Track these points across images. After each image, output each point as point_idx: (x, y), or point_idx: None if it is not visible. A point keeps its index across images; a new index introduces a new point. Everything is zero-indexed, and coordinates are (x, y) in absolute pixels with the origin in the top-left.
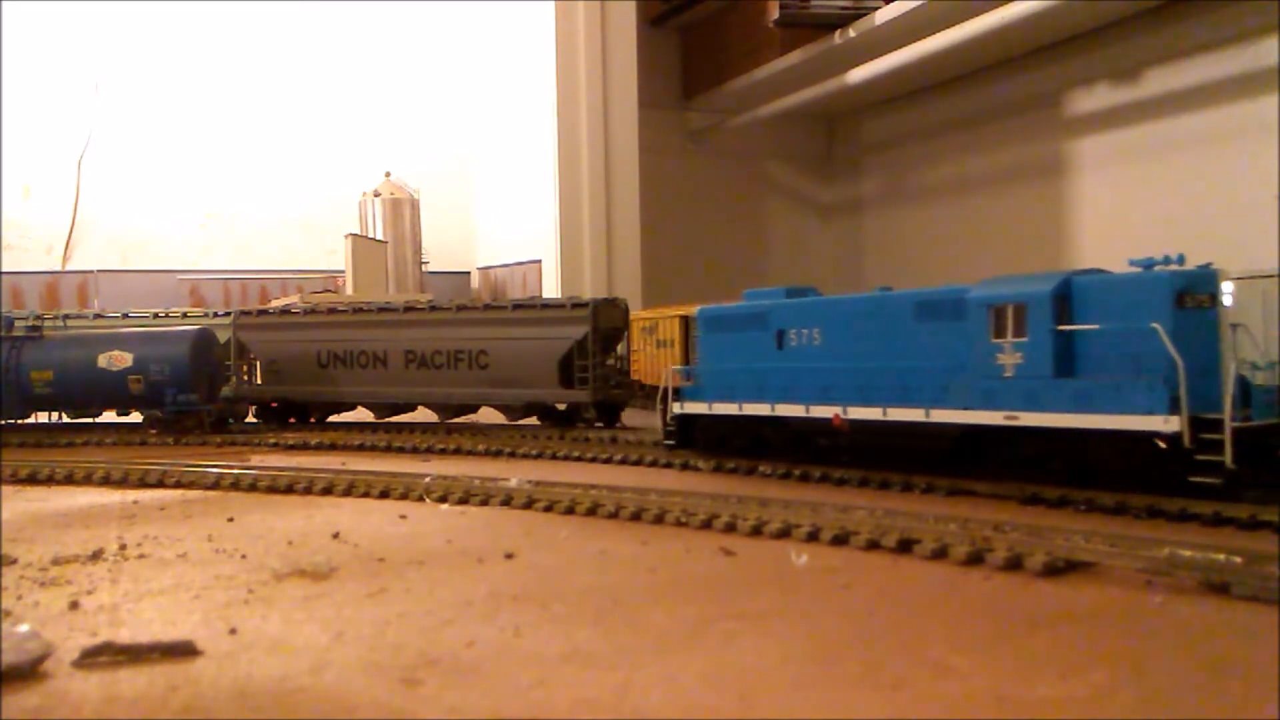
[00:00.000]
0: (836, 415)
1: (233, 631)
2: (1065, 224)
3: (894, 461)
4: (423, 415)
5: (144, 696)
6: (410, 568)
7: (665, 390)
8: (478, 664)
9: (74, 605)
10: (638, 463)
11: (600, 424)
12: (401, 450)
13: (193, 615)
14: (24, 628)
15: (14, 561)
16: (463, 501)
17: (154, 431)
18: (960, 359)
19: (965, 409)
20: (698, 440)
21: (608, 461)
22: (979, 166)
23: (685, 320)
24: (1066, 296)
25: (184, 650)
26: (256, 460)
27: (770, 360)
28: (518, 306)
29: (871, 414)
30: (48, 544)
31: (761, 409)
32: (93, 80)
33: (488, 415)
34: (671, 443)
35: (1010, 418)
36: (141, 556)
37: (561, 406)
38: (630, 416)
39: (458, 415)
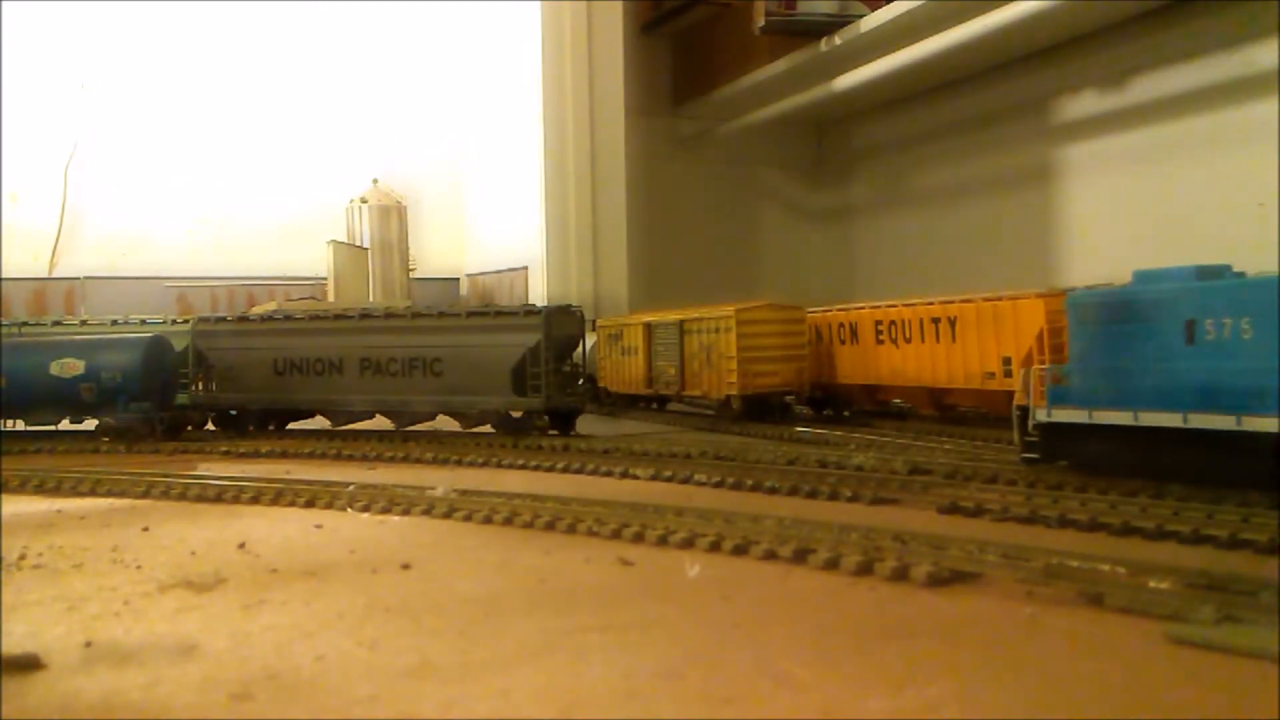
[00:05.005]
0: None
1: (88, 645)
2: (1054, 230)
3: None
4: (381, 423)
5: None
6: (301, 579)
7: (1025, 392)
8: (317, 678)
9: None
10: (579, 471)
11: (554, 432)
12: (351, 458)
13: (57, 627)
14: None
15: None
16: (385, 511)
17: (106, 439)
18: None
19: None
20: (1073, 455)
21: (551, 470)
22: (968, 172)
23: (649, 327)
24: None
25: (27, 663)
26: (203, 469)
27: (1177, 358)
28: (471, 314)
29: None
30: None
31: (1167, 420)
32: (79, 82)
33: (446, 423)
34: (1033, 456)
35: None
36: (37, 567)
37: (515, 414)
38: (597, 425)
39: (413, 423)
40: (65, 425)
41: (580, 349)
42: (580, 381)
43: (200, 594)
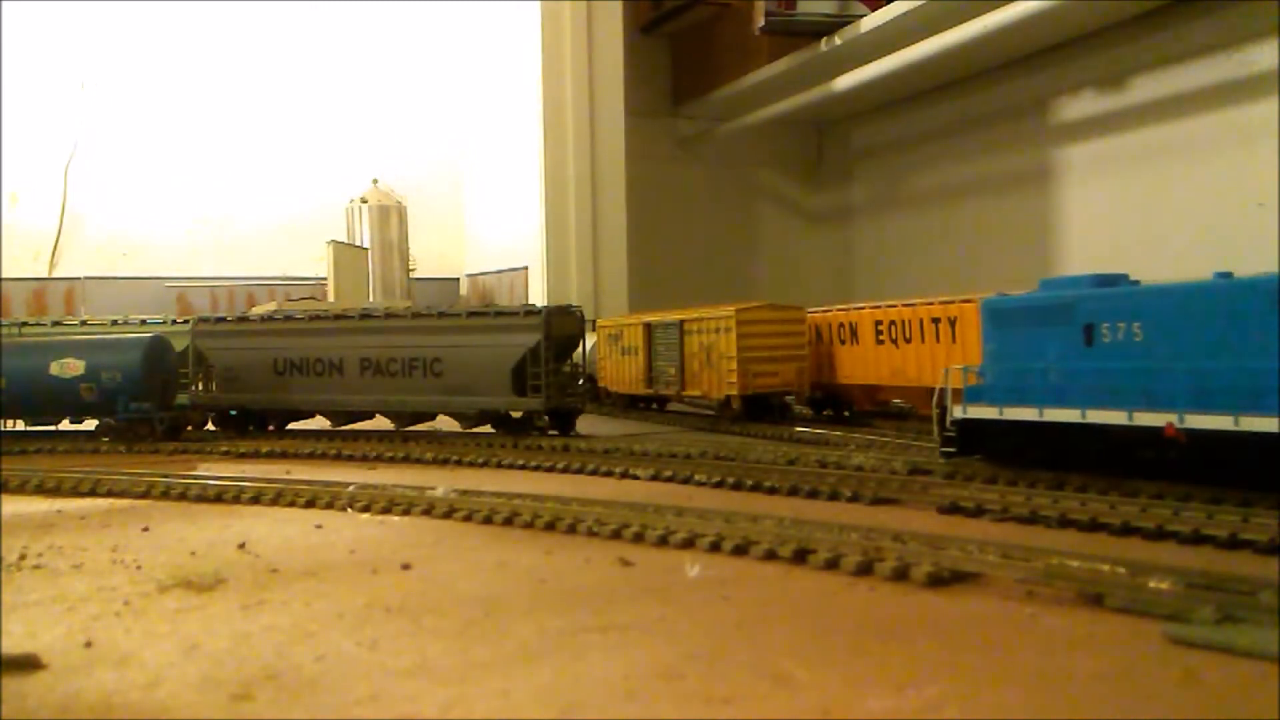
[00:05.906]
0: (1170, 425)
1: (88, 645)
2: (1053, 230)
3: (1245, 480)
4: (382, 423)
5: None
6: (301, 579)
7: (942, 391)
8: (317, 678)
9: None
10: (579, 471)
11: (554, 432)
12: (351, 458)
13: (57, 627)
14: None
15: None
16: (385, 511)
17: (107, 439)
18: None
19: None
20: (986, 449)
21: (551, 470)
22: (968, 173)
23: (649, 327)
24: None
25: (27, 663)
26: (203, 469)
27: (1077, 359)
28: (472, 314)
29: (1218, 424)
30: None
31: (1068, 415)
32: (79, 82)
33: (446, 423)
34: (951, 450)
35: None
36: (37, 567)
37: (516, 414)
38: (597, 425)
39: (413, 423)
40: (65, 425)
41: (580, 349)
42: (580, 381)
43: (200, 594)
